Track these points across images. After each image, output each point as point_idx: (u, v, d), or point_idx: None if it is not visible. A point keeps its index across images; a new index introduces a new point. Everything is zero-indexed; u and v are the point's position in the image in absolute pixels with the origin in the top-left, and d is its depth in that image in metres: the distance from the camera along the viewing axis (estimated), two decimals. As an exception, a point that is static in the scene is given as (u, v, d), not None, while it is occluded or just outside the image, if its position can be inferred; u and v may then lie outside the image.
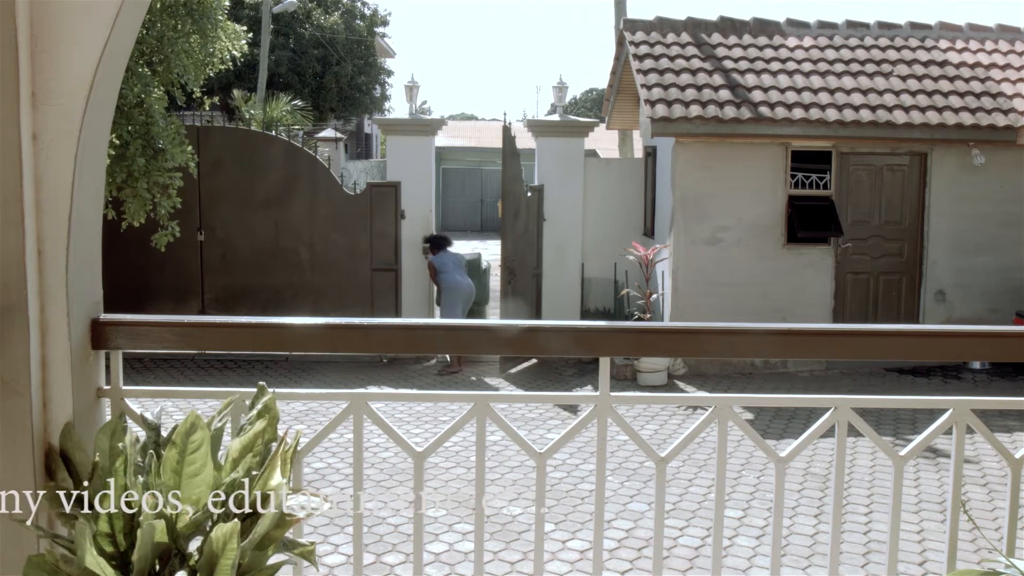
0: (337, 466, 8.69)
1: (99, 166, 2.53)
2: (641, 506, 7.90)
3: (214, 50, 11.68)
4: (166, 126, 10.81)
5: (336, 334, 2.84)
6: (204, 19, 11.34)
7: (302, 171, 13.88)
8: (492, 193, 36.27)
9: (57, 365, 2.39)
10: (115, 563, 1.91)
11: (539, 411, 10.69)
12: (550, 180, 14.90)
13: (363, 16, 37.27)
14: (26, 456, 2.33)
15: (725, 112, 12.55)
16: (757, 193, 13.03)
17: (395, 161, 14.49)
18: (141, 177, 10.48)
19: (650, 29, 14.37)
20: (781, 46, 14.06)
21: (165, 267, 13.46)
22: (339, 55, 35.03)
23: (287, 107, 25.69)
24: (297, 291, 13.87)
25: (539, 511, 2.70)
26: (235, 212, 13.88)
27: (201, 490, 1.99)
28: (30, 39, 2.32)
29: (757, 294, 13.00)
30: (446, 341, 3.04)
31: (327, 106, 34.56)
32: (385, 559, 6.81)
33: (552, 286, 14.70)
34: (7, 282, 2.31)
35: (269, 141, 14.08)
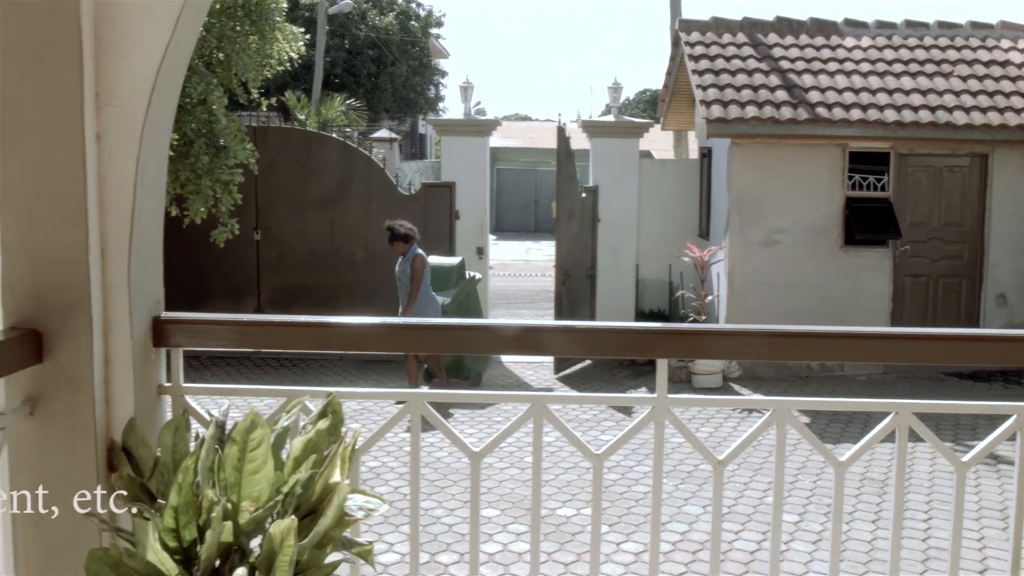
0: (391, 465, 8.72)
1: (161, 166, 2.56)
2: (696, 509, 7.85)
3: (272, 51, 11.78)
4: (228, 124, 10.92)
5: (390, 333, 2.85)
6: (262, 20, 11.45)
7: (357, 171, 13.95)
8: (546, 194, 36.22)
9: (119, 362, 2.42)
10: (178, 558, 1.92)
11: (593, 412, 10.66)
12: (605, 181, 14.87)
13: (418, 17, 37.44)
14: (89, 451, 2.36)
15: (782, 113, 12.45)
16: (814, 194, 12.91)
17: (450, 162, 14.52)
18: (205, 175, 10.60)
19: (706, 29, 14.29)
20: (839, 46, 13.91)
21: (222, 266, 13.59)
22: (394, 56, 35.21)
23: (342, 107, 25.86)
24: (352, 291, 13.94)
25: (596, 513, 2.69)
26: (291, 212, 13.98)
27: (261, 487, 2.00)
28: (94, 40, 2.35)
29: (813, 296, 12.87)
30: (512, 342, 3.03)
31: (381, 106, 34.74)
32: (439, 558, 6.82)
33: (606, 287, 14.66)
34: (71, 280, 2.34)
35: (325, 141, 14.18)
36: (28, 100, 2.34)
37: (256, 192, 13.54)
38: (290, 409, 2.35)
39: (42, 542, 2.40)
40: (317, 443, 2.13)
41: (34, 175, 2.36)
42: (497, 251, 25.85)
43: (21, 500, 2.38)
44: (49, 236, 2.35)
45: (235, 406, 2.30)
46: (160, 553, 1.93)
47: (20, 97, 2.34)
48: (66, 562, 2.37)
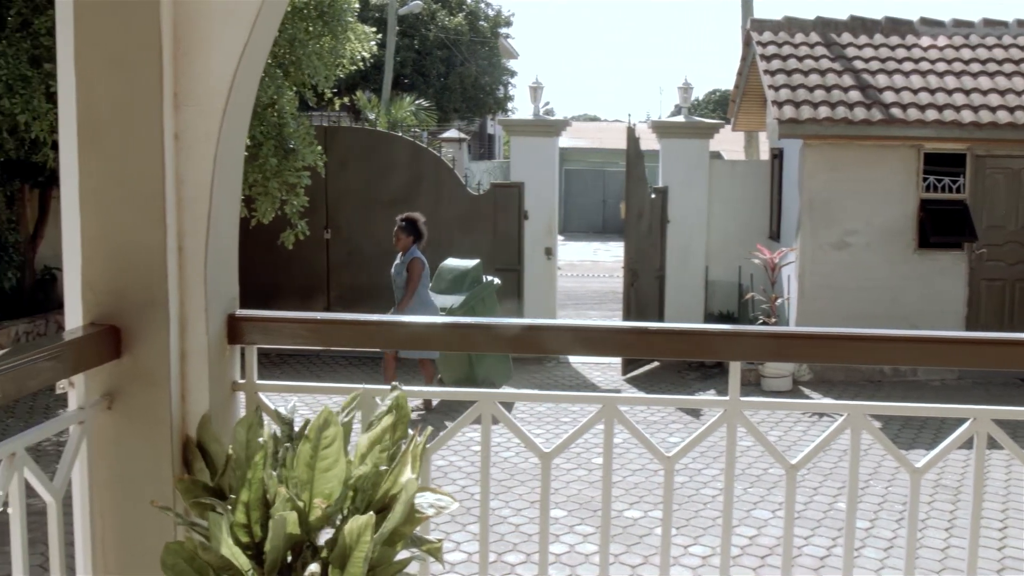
0: (459, 464, 8.75)
1: (237, 166, 2.58)
2: (765, 513, 7.78)
3: (344, 51, 11.88)
4: (297, 127, 11.03)
5: (456, 333, 2.86)
6: (334, 21, 11.55)
7: (427, 171, 14.02)
8: (615, 194, 36.10)
9: (195, 359, 2.45)
10: (250, 553, 1.94)
11: (661, 414, 10.61)
12: (674, 182, 14.78)
13: (487, 17, 37.54)
14: (165, 446, 2.39)
15: (855, 113, 12.29)
16: (887, 196, 12.72)
17: (519, 162, 14.52)
18: (272, 177, 10.72)
19: (778, 29, 14.16)
20: (914, 45, 13.70)
21: (292, 265, 13.72)
22: (463, 56, 35.34)
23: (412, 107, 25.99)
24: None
25: (667, 516, 2.67)
26: (361, 211, 14.08)
27: (333, 484, 2.01)
28: (173, 41, 2.38)
29: (886, 300, 12.69)
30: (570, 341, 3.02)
31: (451, 107, 34.87)
32: (506, 558, 6.83)
33: (675, 288, 14.58)
34: (149, 277, 2.38)
35: (394, 141, 14.26)
36: (108, 100, 2.38)
37: (326, 192, 13.65)
38: (348, 405, 2.36)
39: (119, 535, 2.44)
40: (384, 440, 2.14)
41: (114, 175, 2.39)
42: (565, 252, 25.82)
43: (99, 493, 2.42)
44: (128, 234, 2.39)
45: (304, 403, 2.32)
46: (232, 548, 1.95)
47: (100, 98, 2.38)
48: (142, 555, 2.41)
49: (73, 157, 2.40)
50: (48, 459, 2.18)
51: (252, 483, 1.91)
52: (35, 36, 8.42)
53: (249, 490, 1.91)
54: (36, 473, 2.17)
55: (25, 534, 2.14)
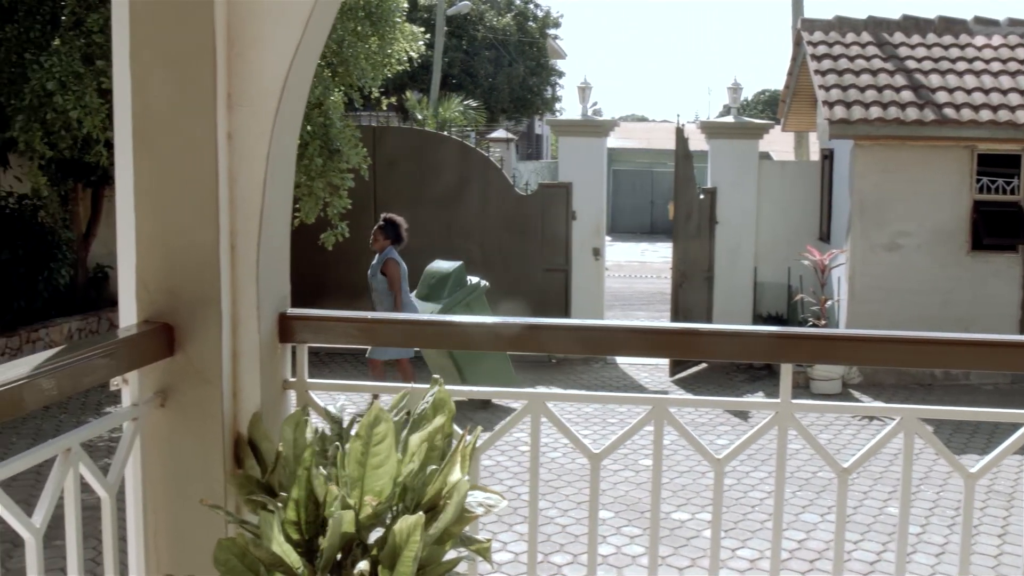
0: (506, 464, 8.75)
1: (289, 165, 2.60)
2: (814, 517, 7.71)
3: (392, 52, 11.92)
4: (343, 128, 11.08)
5: (504, 333, 2.85)
6: (382, 21, 11.59)
7: (475, 171, 14.04)
8: (663, 195, 36.00)
9: (247, 357, 2.46)
10: (300, 550, 1.95)
11: (709, 416, 10.55)
12: (723, 182, 14.70)
13: (535, 17, 37.52)
14: (216, 444, 2.41)
15: (907, 114, 12.15)
16: (940, 198, 12.57)
17: (567, 162, 14.51)
18: (317, 177, 10.78)
19: (829, 28, 14.03)
20: (968, 45, 13.52)
21: (339, 264, 13.76)
22: (511, 56, 35.36)
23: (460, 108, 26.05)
24: (467, 290, 14.01)
25: (716, 518, 2.65)
26: (408, 211, 14.07)
27: (384, 482, 2.02)
28: (227, 42, 2.40)
29: (937, 302, 12.54)
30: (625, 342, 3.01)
31: (499, 107, 34.91)
32: (552, 559, 6.82)
33: (723, 290, 14.50)
34: (202, 277, 2.40)
35: (443, 142, 14.29)
36: (162, 101, 2.40)
37: (375, 191, 13.71)
38: (396, 404, 2.37)
39: (170, 531, 2.46)
40: (433, 439, 2.15)
41: (168, 174, 2.41)
42: (613, 252, 25.74)
43: (151, 489, 2.45)
44: (182, 233, 2.41)
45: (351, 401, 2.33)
46: (283, 545, 1.96)
47: (154, 98, 2.40)
48: (193, 551, 2.43)
49: (128, 156, 2.43)
50: (99, 454, 2.20)
51: (301, 480, 1.92)
52: (88, 34, 8.52)
53: (299, 487, 1.92)
54: (91, 468, 2.19)
55: (80, 528, 2.17)
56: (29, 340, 12.33)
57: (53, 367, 2.08)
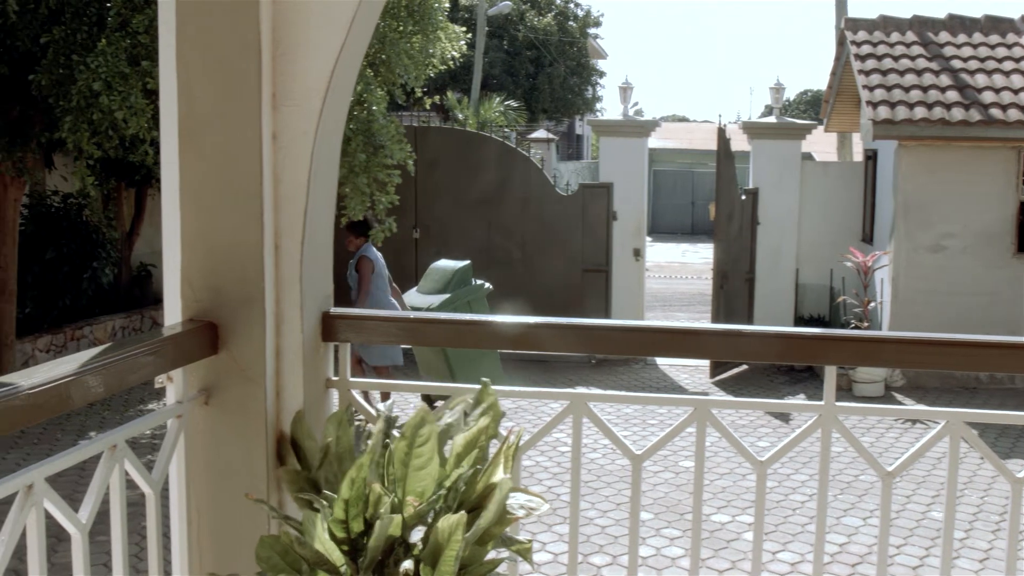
0: (545, 464, 8.74)
1: (332, 165, 2.61)
2: (855, 520, 7.65)
3: (434, 51, 11.94)
4: (386, 124, 11.11)
5: (549, 333, 2.84)
6: (425, 20, 11.61)
7: (516, 171, 14.04)
8: (703, 196, 35.85)
9: (290, 356, 2.48)
10: (345, 548, 1.96)
11: (750, 418, 10.49)
12: (765, 183, 14.62)
13: (576, 17, 37.48)
14: (259, 441, 2.43)
15: (952, 114, 12.03)
16: (985, 199, 12.43)
17: (608, 162, 14.48)
18: (361, 173, 10.80)
19: (873, 28, 13.92)
20: (1015, 44, 13.37)
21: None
22: (552, 56, 35.34)
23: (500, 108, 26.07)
24: (508, 290, 14.01)
25: (759, 521, 2.63)
26: (449, 211, 14.16)
27: (427, 483, 2.02)
28: (272, 42, 2.41)
29: (983, 305, 12.39)
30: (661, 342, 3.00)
31: (539, 107, 34.90)
32: (592, 560, 6.81)
33: (765, 291, 14.41)
34: (247, 275, 2.41)
35: (484, 142, 14.31)
36: (208, 101, 2.42)
37: (416, 191, 13.74)
38: (452, 406, 2.37)
39: (214, 527, 2.48)
40: (477, 440, 2.14)
41: (213, 174, 2.43)
42: (653, 253, 25.66)
43: (195, 486, 2.47)
44: (226, 233, 2.42)
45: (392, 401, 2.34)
46: (328, 543, 1.97)
47: (200, 98, 2.42)
48: (236, 548, 2.44)
49: (174, 156, 2.45)
50: (141, 450, 2.22)
51: (356, 482, 1.92)
52: (133, 35, 8.59)
53: (351, 488, 1.93)
54: (136, 465, 2.21)
55: (125, 524, 2.19)
56: (74, 337, 12.47)
57: (99, 364, 2.10)
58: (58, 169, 12.59)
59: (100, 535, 2.17)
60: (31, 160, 10.20)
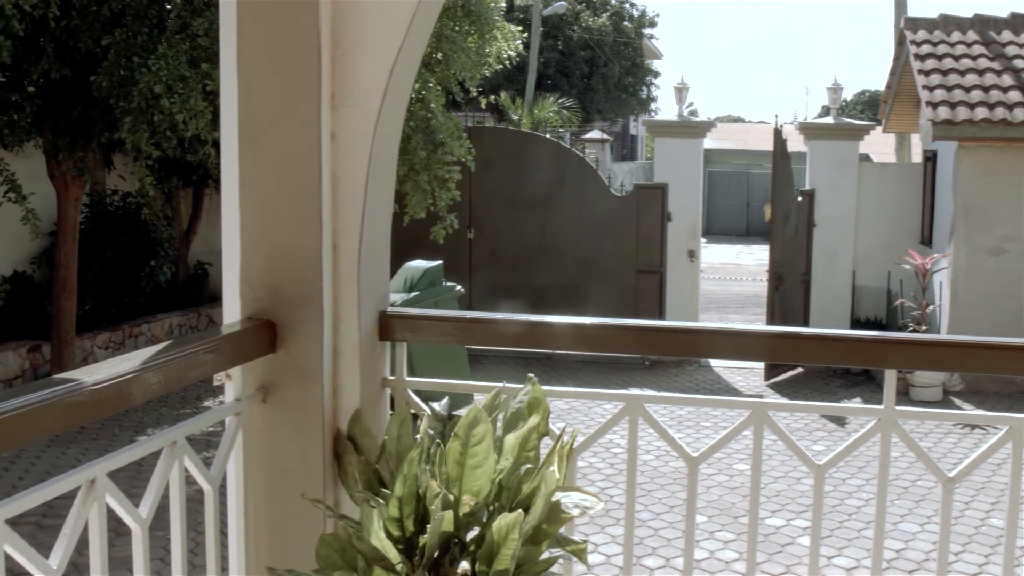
0: (598, 465, 8.72)
1: (391, 165, 2.62)
2: (912, 527, 7.56)
3: (489, 51, 11.96)
4: (445, 121, 11.14)
5: (605, 334, 2.83)
6: (481, 20, 11.64)
7: (570, 172, 14.03)
8: (759, 197, 35.59)
9: (347, 354, 2.49)
10: (400, 546, 1.97)
11: (804, 421, 10.40)
12: (821, 184, 14.47)
13: (631, 17, 37.36)
14: (316, 439, 2.44)
15: (1015, 115, 11.84)
16: (1048, 201, 12.22)
17: (663, 163, 14.41)
18: (422, 170, 10.84)
19: (933, 27, 13.73)
20: (1080, 44, 13.13)
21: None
22: (607, 56, 35.26)
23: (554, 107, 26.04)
24: (561, 290, 14.02)
25: (816, 526, 2.61)
26: (503, 211, 14.17)
27: (482, 482, 2.02)
28: (331, 43, 2.43)
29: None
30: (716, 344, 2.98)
31: (594, 107, 34.83)
32: (645, 562, 6.79)
33: (821, 293, 14.27)
34: (305, 274, 2.43)
35: (538, 142, 14.31)
36: (268, 101, 2.44)
37: (470, 191, 13.77)
38: (491, 403, 2.37)
39: (270, 524, 2.50)
40: (529, 438, 2.15)
41: (272, 173, 2.45)
42: (707, 254, 25.52)
43: (252, 483, 2.49)
44: (285, 232, 2.44)
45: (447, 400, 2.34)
46: (384, 541, 1.98)
47: (260, 98, 2.44)
48: (292, 544, 2.46)
49: (234, 156, 2.47)
50: (195, 447, 2.24)
51: (407, 479, 1.93)
52: (193, 37, 8.69)
53: (404, 485, 1.94)
54: (195, 461, 2.23)
55: (184, 519, 2.21)
56: (132, 335, 12.64)
57: (160, 362, 2.12)
58: (117, 169, 12.77)
59: (155, 530, 2.19)
60: (92, 160, 10.35)
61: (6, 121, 9.57)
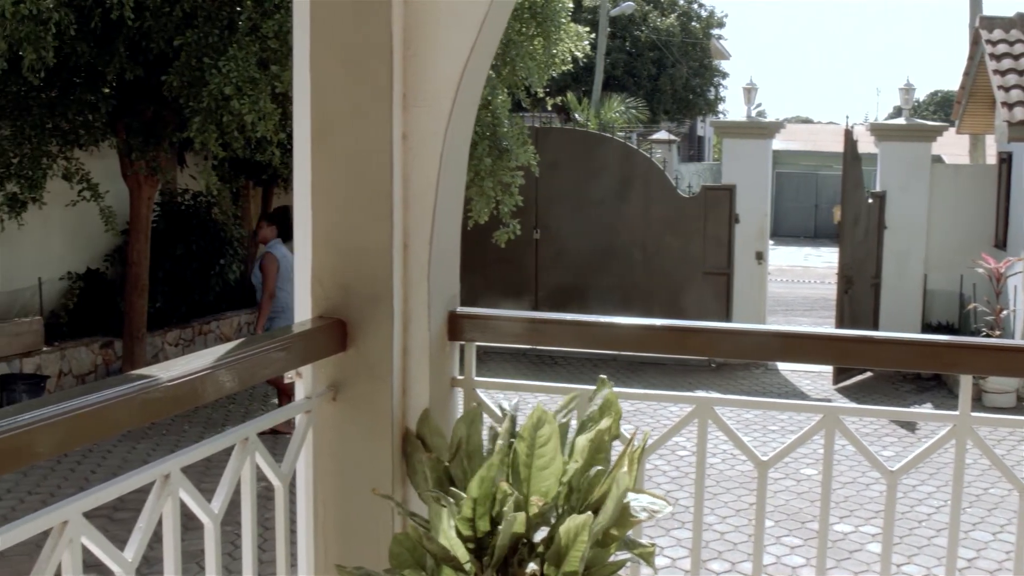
0: (663, 468, 8.68)
1: (461, 165, 2.62)
2: (985, 535, 7.42)
3: (556, 52, 11.94)
4: (511, 127, 11.15)
5: (672, 336, 2.81)
6: (548, 22, 11.62)
7: (637, 173, 13.98)
8: (827, 198, 35.21)
9: (417, 354, 2.50)
10: (471, 546, 1.97)
11: (874, 426, 10.25)
12: (892, 186, 14.26)
13: (699, 18, 37.09)
14: (385, 438, 2.45)
15: (1093, 116, 11.59)
16: None
17: (731, 164, 14.30)
18: (487, 176, 10.86)
19: (1009, 27, 13.49)
20: None
21: (500, 264, 13.87)
22: (674, 57, 35.05)
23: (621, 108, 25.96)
24: (627, 292, 13.96)
25: (888, 532, 2.56)
26: (570, 212, 14.15)
27: (549, 483, 2.02)
28: (403, 43, 2.44)
29: (1123, 314, 11.92)
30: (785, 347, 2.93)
31: (660, 108, 34.64)
32: (710, 566, 6.74)
33: (891, 297, 14.05)
34: (376, 274, 2.44)
35: (605, 143, 14.27)
36: (340, 101, 2.45)
37: (537, 192, 13.76)
38: (567, 405, 2.36)
39: (340, 522, 2.51)
40: (599, 441, 2.14)
41: (344, 173, 2.47)
42: (775, 256, 25.26)
43: (322, 481, 2.50)
44: (356, 232, 2.46)
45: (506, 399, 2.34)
46: (453, 540, 1.98)
47: (332, 98, 2.46)
48: (361, 542, 2.47)
49: (306, 155, 2.49)
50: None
51: (485, 481, 1.93)
52: (263, 39, 8.77)
53: (480, 487, 1.94)
54: (266, 457, 2.25)
55: (255, 515, 2.23)
56: (201, 332, 12.82)
57: (233, 359, 2.14)
58: (189, 168, 12.95)
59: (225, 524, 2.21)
60: (164, 159, 10.50)
61: (82, 121, 9.75)
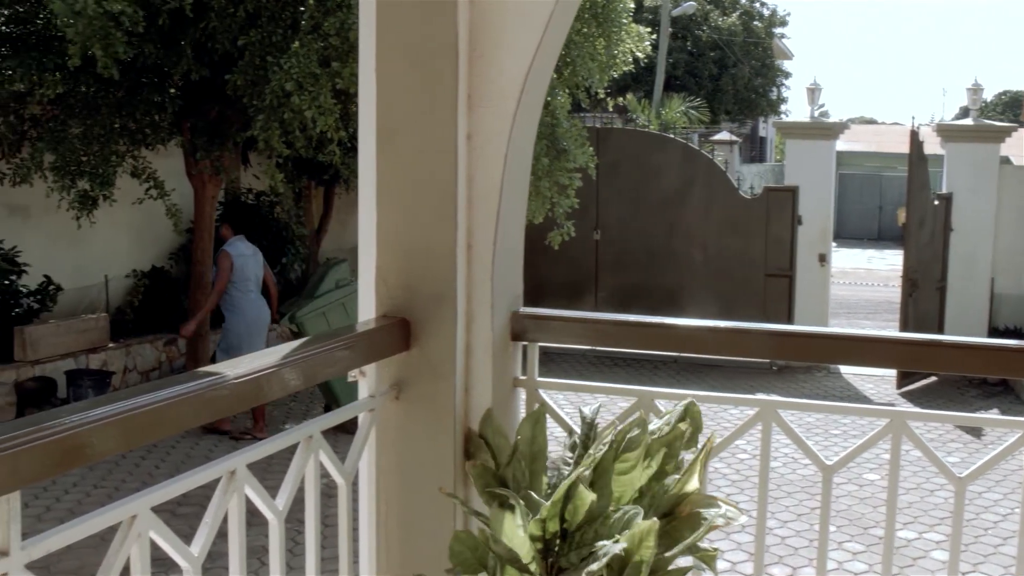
0: (723, 471, 8.62)
1: (525, 166, 2.62)
2: (1052, 543, 7.28)
3: (617, 52, 11.90)
4: (569, 128, 11.13)
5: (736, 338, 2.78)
6: (609, 22, 11.58)
7: (698, 174, 13.89)
8: (892, 200, 34.77)
9: (480, 353, 2.50)
10: (539, 547, 1.97)
11: (938, 432, 10.10)
12: (959, 188, 14.04)
13: (761, 17, 36.80)
14: (448, 437, 2.46)
15: None
16: None
17: (793, 165, 14.18)
18: (544, 176, 10.85)
19: (1081, 26, 13.21)
20: None
21: (560, 264, 13.84)
22: (736, 57, 34.81)
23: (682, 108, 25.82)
24: (688, 293, 13.89)
25: (956, 541, 2.52)
26: (630, 212, 14.10)
27: (626, 488, 2.02)
28: (468, 43, 2.44)
29: None
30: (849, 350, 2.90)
31: (722, 108, 34.41)
32: (771, 571, 6.69)
33: (957, 300, 13.84)
34: (439, 274, 2.44)
35: (666, 143, 14.21)
36: (405, 101, 2.46)
37: (597, 192, 13.73)
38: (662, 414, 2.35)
39: (402, 520, 2.52)
40: (674, 447, 2.13)
41: (409, 173, 2.47)
42: (838, 258, 24.99)
43: (385, 479, 2.51)
44: (421, 231, 2.46)
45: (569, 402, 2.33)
46: (519, 540, 1.98)
47: (398, 98, 2.46)
48: (423, 541, 2.48)
49: (371, 155, 2.50)
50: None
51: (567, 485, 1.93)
52: (325, 37, 8.83)
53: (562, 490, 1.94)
54: (330, 455, 2.26)
55: (319, 513, 2.24)
56: (264, 330, 12.92)
57: (298, 357, 2.16)
58: (252, 167, 13.07)
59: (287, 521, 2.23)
60: (227, 159, 10.62)
61: (149, 121, 9.88)
